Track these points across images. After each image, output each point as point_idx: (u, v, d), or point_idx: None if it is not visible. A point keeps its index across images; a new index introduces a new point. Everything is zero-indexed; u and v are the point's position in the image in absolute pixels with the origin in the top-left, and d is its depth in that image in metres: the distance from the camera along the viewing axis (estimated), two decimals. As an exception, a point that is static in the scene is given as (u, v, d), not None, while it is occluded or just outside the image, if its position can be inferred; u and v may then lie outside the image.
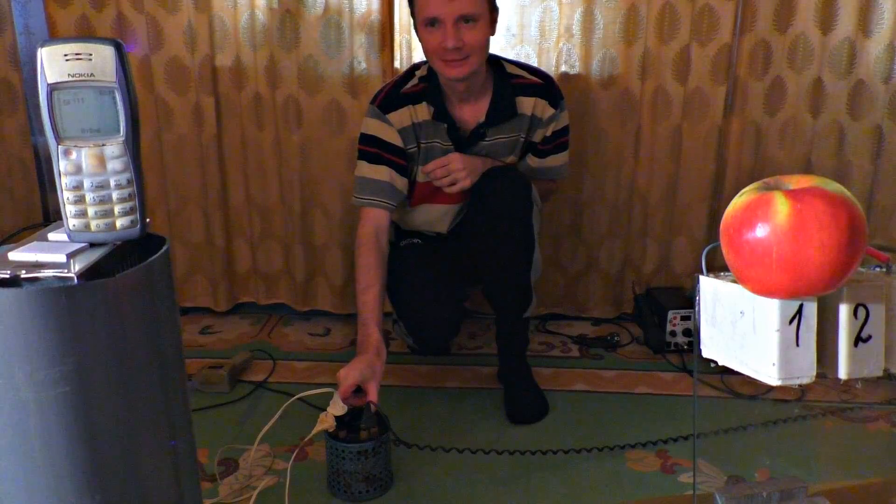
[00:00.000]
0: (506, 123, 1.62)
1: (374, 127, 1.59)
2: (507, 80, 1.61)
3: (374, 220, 1.56)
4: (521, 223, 1.54)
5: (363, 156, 1.60)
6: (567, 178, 1.83)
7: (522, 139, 1.66)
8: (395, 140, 1.59)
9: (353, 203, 1.61)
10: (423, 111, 1.59)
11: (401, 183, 1.60)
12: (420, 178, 1.65)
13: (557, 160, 1.71)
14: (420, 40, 1.52)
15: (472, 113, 1.62)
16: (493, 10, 1.53)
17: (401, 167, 1.60)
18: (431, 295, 1.63)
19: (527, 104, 1.62)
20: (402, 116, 1.58)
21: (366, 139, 1.60)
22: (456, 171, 1.56)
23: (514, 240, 1.54)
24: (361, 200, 1.58)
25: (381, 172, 1.58)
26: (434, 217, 1.73)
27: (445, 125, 1.59)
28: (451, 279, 1.68)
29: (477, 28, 1.46)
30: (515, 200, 1.53)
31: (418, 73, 1.61)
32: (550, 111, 1.63)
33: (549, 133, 1.66)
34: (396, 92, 1.60)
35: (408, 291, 1.64)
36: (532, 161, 1.70)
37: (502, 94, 1.60)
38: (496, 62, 1.63)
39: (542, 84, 1.63)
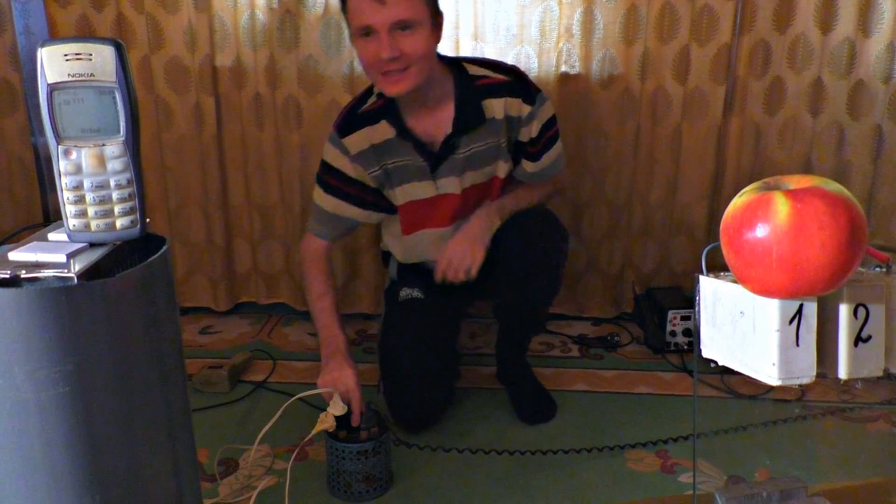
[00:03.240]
0: (478, 131, 1.47)
1: (331, 154, 1.52)
2: (471, 82, 1.46)
3: (316, 246, 1.55)
4: (552, 274, 1.49)
5: (318, 181, 1.55)
6: (569, 179, 1.82)
7: (504, 143, 1.51)
8: (348, 170, 1.50)
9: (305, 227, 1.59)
10: (383, 130, 1.47)
11: (355, 213, 1.54)
12: (399, 200, 1.54)
13: (553, 154, 1.56)
14: (357, 53, 1.40)
15: (436, 124, 1.47)
16: (437, 14, 1.39)
17: (355, 198, 1.53)
18: (423, 376, 1.50)
19: (497, 106, 1.46)
20: (360, 139, 1.48)
21: (323, 165, 1.54)
22: (460, 262, 1.46)
23: (543, 289, 1.50)
24: (310, 226, 1.57)
25: (330, 202, 1.53)
26: (433, 242, 1.57)
27: (411, 143, 1.47)
28: (448, 351, 1.59)
29: (416, 35, 1.33)
30: (551, 252, 1.46)
31: (376, 90, 1.46)
32: (527, 108, 1.47)
33: (535, 133, 1.50)
34: (353, 113, 1.50)
35: (398, 367, 1.51)
36: (529, 167, 1.55)
37: (466, 100, 1.45)
38: (456, 64, 1.48)
39: (510, 81, 1.47)
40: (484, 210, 1.52)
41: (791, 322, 0.56)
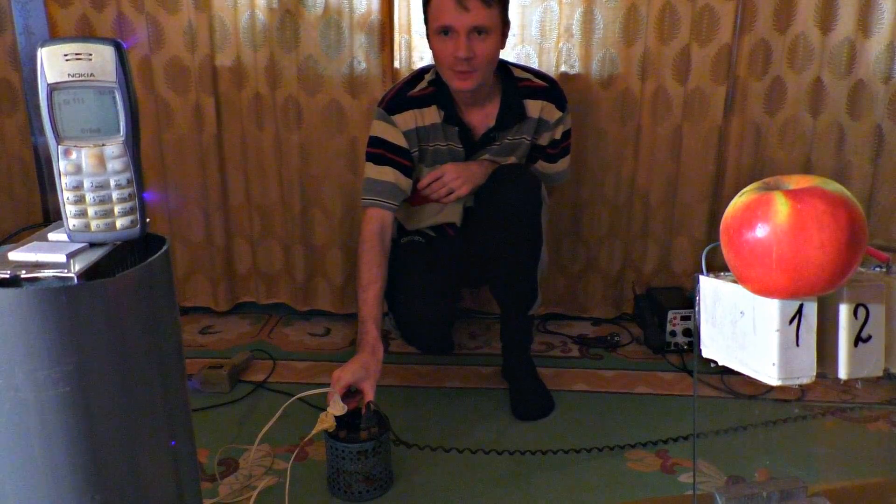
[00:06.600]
0: (515, 127, 1.64)
1: (380, 129, 1.60)
2: (515, 83, 1.63)
3: (378, 220, 1.57)
4: (530, 219, 1.54)
5: (369, 157, 1.61)
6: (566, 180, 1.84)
7: (528, 141, 1.68)
8: (400, 141, 1.59)
9: (361, 205, 1.63)
10: (430, 115, 1.60)
11: (405, 183, 1.60)
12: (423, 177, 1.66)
13: (565, 163, 1.74)
14: (431, 47, 1.54)
15: (480, 118, 1.63)
16: (505, 24, 1.54)
17: (405, 167, 1.60)
18: (423, 292, 1.65)
19: (534, 107, 1.64)
20: (407, 119, 1.59)
21: (371, 141, 1.61)
22: (450, 181, 1.58)
23: (523, 236, 1.55)
24: (365, 201, 1.59)
25: (385, 173, 1.59)
26: (435, 211, 1.71)
27: (457, 129, 1.61)
28: (445, 278, 1.70)
29: (489, 40, 1.48)
30: (525, 196, 1.53)
31: (427, 77, 1.61)
32: (558, 114, 1.66)
33: (557, 136, 1.68)
34: (402, 95, 1.61)
35: (400, 287, 1.64)
36: (543, 167, 1.72)
37: (511, 99, 1.62)
38: (503, 66, 1.63)
39: (548, 87, 1.65)
40: (489, 162, 1.65)
41: (791, 322, 0.56)
